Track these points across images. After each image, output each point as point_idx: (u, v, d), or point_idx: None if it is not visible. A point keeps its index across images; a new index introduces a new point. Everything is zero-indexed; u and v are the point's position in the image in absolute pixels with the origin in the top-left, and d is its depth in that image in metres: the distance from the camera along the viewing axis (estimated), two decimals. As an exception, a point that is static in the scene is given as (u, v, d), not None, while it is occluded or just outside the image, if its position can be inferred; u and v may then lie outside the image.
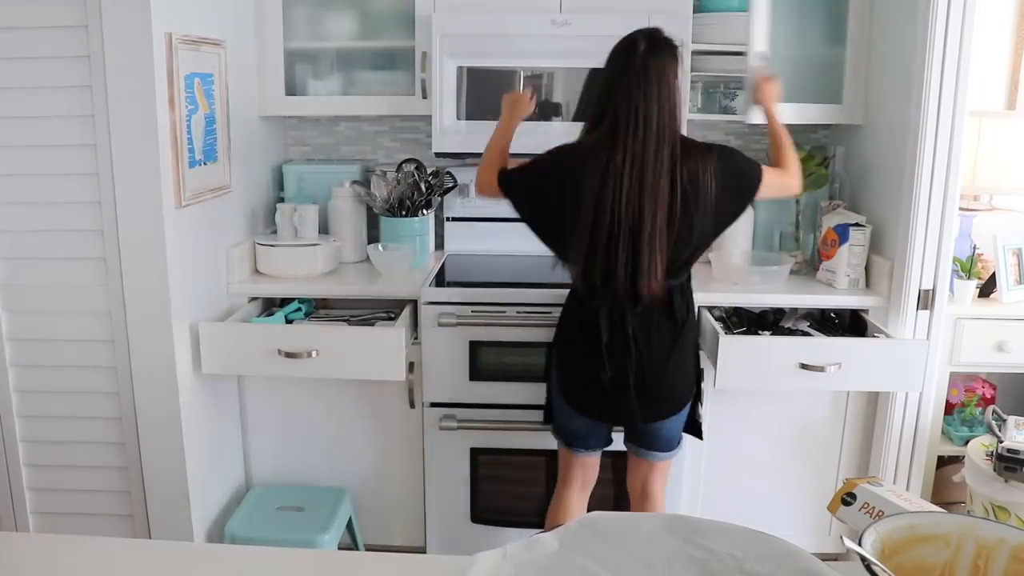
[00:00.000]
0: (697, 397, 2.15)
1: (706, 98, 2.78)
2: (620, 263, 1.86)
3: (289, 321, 2.48)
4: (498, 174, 2.07)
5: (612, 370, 1.94)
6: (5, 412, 2.25)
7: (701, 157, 1.88)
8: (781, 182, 2.08)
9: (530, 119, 2.26)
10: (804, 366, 2.20)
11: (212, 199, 2.36)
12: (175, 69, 2.08)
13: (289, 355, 2.23)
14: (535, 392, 2.33)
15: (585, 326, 1.97)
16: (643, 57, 1.86)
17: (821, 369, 2.19)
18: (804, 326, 2.47)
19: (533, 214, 2.01)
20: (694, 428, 2.18)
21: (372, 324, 2.46)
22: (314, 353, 2.23)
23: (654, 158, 1.83)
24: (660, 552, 0.91)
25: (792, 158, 2.13)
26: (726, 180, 1.89)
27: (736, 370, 2.21)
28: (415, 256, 2.65)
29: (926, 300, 2.35)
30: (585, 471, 2.20)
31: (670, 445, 2.14)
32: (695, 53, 2.59)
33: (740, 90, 2.76)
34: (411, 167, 2.77)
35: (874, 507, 1.32)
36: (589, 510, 2.23)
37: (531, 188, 2.01)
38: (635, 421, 2.05)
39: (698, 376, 2.14)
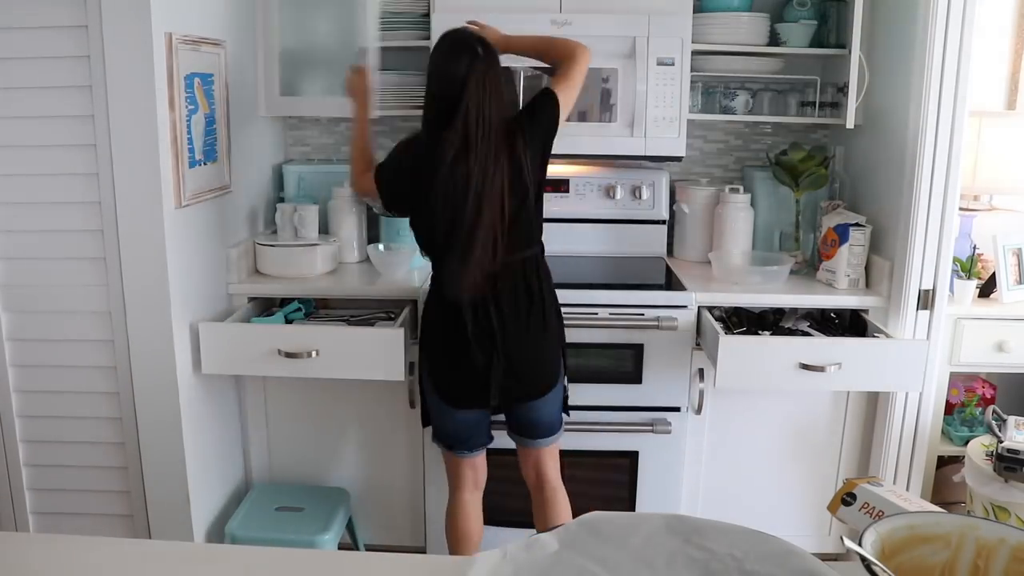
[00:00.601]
0: (564, 374, 2.19)
1: (706, 98, 2.78)
2: (465, 255, 1.95)
3: (289, 321, 2.48)
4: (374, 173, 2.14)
5: (476, 341, 2.00)
6: (5, 412, 2.25)
7: (515, 133, 1.98)
8: (573, 81, 2.08)
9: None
10: (804, 366, 2.20)
11: (212, 199, 2.36)
12: (175, 69, 2.08)
13: (289, 355, 2.24)
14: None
15: (447, 310, 2.03)
16: (481, 68, 1.94)
17: (821, 369, 2.20)
18: (804, 326, 2.47)
19: (400, 208, 2.13)
20: (563, 405, 2.21)
21: (372, 324, 2.46)
22: (314, 353, 2.24)
23: (494, 162, 1.92)
24: (660, 552, 0.91)
25: (561, 46, 2.13)
26: (535, 135, 2.00)
27: (736, 370, 2.21)
28: (415, 256, 2.64)
29: (926, 300, 2.35)
30: (475, 472, 2.24)
31: (551, 429, 2.17)
32: (695, 53, 2.60)
33: (740, 90, 2.76)
34: (411, 167, 2.76)
35: (874, 507, 1.32)
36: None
37: (392, 186, 2.10)
38: (507, 401, 2.09)
39: (563, 354, 2.17)
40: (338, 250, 2.69)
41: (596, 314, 2.39)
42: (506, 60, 2.54)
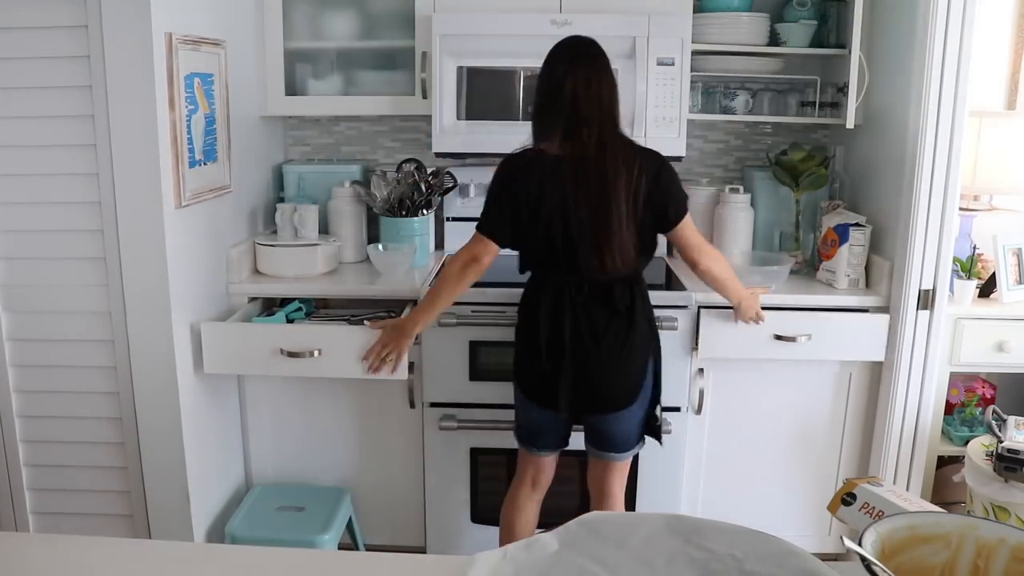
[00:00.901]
0: (655, 400, 2.15)
1: (706, 98, 2.78)
2: (572, 250, 1.98)
3: (290, 320, 2.48)
4: (483, 233, 2.05)
5: (547, 348, 2.03)
6: (5, 412, 2.25)
7: (643, 157, 1.98)
8: (697, 239, 2.09)
9: (530, 119, 2.24)
10: (778, 337, 2.36)
11: (212, 199, 2.36)
12: (175, 69, 2.08)
13: (292, 355, 2.24)
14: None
15: (532, 312, 2.07)
16: (583, 60, 1.97)
17: (793, 339, 2.36)
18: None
19: (517, 234, 2.05)
20: (653, 431, 2.18)
21: (372, 324, 2.46)
22: (316, 353, 2.24)
23: (597, 152, 1.94)
24: (660, 552, 0.91)
25: (723, 267, 2.17)
26: (656, 192, 1.98)
27: (716, 341, 2.37)
28: (415, 256, 2.65)
29: (926, 300, 2.35)
30: (537, 470, 2.23)
31: (624, 446, 2.15)
32: (695, 53, 2.60)
33: (740, 90, 2.76)
34: (411, 167, 2.77)
35: (874, 507, 1.32)
36: (548, 509, 2.28)
37: (506, 218, 2.03)
38: (568, 408, 2.08)
39: (655, 380, 2.13)
40: (338, 250, 2.69)
41: (596, 314, 2.39)
42: (504, 59, 2.56)
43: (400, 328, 2.17)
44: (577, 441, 2.22)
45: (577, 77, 1.95)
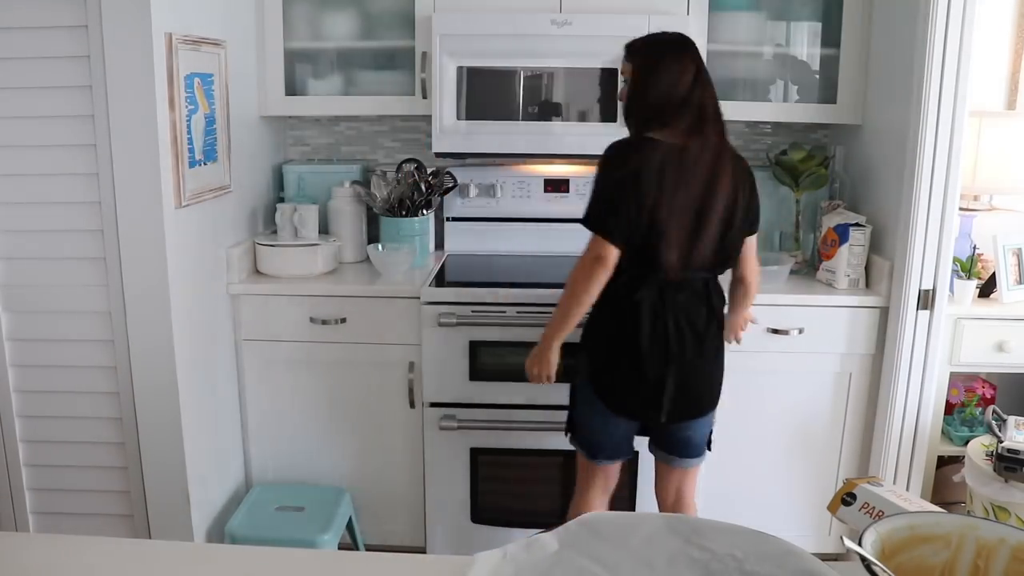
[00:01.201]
0: None
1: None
2: (688, 247, 1.90)
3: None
4: (601, 235, 1.90)
5: (650, 353, 1.92)
6: (5, 412, 2.25)
7: (743, 166, 1.98)
8: (755, 264, 2.11)
9: (530, 119, 2.25)
10: (772, 330, 2.42)
11: (212, 199, 2.36)
12: (175, 69, 2.08)
13: (323, 323, 2.46)
14: (535, 392, 2.33)
15: (623, 315, 1.93)
16: (697, 59, 1.98)
17: (786, 333, 2.43)
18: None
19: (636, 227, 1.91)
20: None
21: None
22: (340, 321, 2.45)
23: (720, 150, 1.93)
24: (660, 552, 0.91)
25: (757, 283, 2.17)
26: (751, 201, 2.00)
27: None
28: (415, 256, 2.65)
29: (926, 300, 2.35)
30: (607, 480, 2.17)
31: (700, 450, 2.12)
32: (695, 53, 2.60)
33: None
34: (411, 167, 2.77)
35: (874, 507, 1.32)
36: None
37: (626, 215, 1.89)
38: (673, 418, 2.00)
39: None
40: (338, 250, 2.69)
41: (596, 314, 2.39)
42: (504, 59, 2.56)
43: (540, 351, 2.08)
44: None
45: (698, 77, 1.95)
